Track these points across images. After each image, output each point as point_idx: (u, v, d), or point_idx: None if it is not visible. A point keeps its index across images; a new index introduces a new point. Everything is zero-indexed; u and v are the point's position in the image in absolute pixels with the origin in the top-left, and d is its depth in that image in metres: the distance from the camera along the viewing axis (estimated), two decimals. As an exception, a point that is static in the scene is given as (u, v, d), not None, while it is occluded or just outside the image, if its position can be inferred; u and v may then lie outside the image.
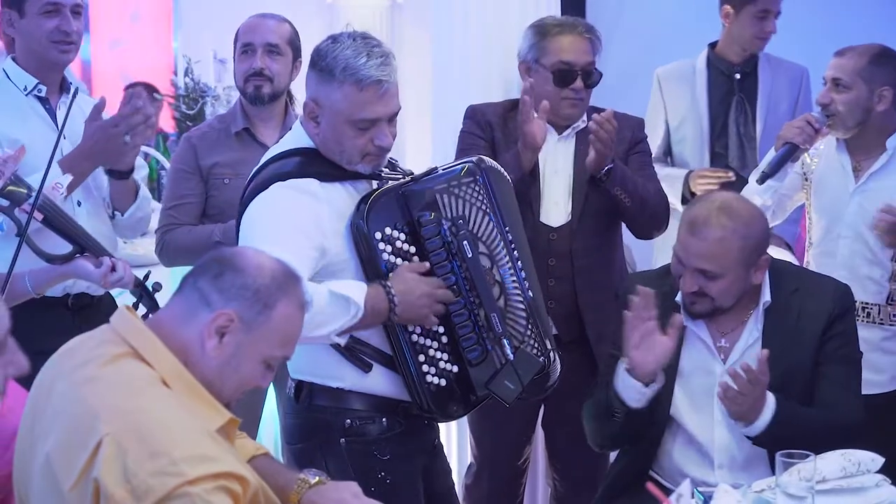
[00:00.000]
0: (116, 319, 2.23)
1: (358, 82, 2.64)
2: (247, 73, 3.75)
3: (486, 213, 2.82)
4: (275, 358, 2.22)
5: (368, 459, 2.78)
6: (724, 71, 4.48)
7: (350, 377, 2.78)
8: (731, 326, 3.00)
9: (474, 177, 2.82)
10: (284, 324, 2.20)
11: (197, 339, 2.15)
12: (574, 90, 3.58)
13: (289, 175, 2.71)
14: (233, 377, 2.18)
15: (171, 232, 3.71)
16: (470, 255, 2.75)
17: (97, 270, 3.09)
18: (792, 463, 2.46)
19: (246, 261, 2.20)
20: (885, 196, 3.60)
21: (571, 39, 3.59)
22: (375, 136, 2.70)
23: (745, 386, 2.77)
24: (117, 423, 2.01)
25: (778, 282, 3.01)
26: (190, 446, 2.01)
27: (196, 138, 3.81)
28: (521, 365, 2.79)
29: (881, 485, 2.66)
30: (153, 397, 2.08)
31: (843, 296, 3.04)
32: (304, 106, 2.74)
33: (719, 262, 2.87)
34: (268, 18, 3.83)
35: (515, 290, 2.84)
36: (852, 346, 3.02)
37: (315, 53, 2.73)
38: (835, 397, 2.93)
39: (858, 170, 3.68)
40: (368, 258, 2.71)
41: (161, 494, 1.94)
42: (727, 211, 2.90)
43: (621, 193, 3.52)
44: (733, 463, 2.94)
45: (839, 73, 3.62)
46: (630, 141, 3.71)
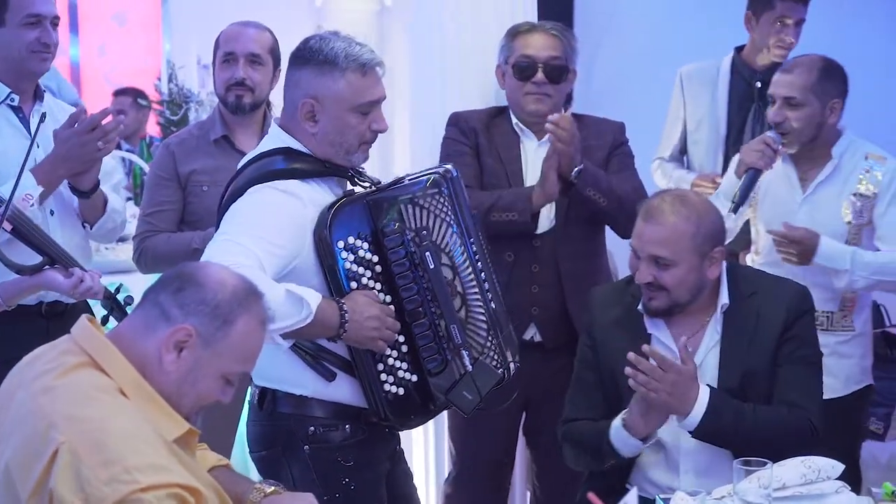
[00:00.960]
0: (77, 330, 2.25)
1: (361, 66, 2.73)
2: (228, 83, 3.77)
3: (451, 224, 2.85)
4: (233, 373, 2.24)
5: (332, 466, 2.80)
6: (746, 77, 4.46)
7: (312, 384, 2.80)
8: (692, 330, 3.03)
9: (440, 188, 2.86)
10: (244, 340, 2.22)
11: (155, 353, 2.17)
12: (535, 83, 3.63)
13: (274, 175, 2.75)
14: (191, 392, 2.20)
15: (150, 239, 3.73)
16: (432, 266, 2.77)
17: (66, 282, 3.12)
18: (750, 470, 2.49)
19: (207, 276, 2.22)
20: (832, 205, 3.66)
21: (535, 36, 3.67)
22: (374, 120, 2.79)
23: (653, 370, 2.80)
24: (73, 431, 2.03)
25: (736, 285, 3.05)
26: (144, 455, 2.03)
27: (175, 145, 3.83)
28: (480, 376, 2.82)
29: (841, 491, 2.69)
30: (110, 406, 2.10)
31: (801, 298, 3.07)
32: (302, 106, 2.76)
33: (672, 248, 2.92)
34: (249, 27, 3.85)
35: (477, 301, 2.87)
36: (811, 349, 3.05)
37: (306, 52, 2.77)
38: (791, 398, 2.95)
39: (805, 180, 3.73)
40: (330, 266, 2.74)
41: (113, 501, 1.96)
42: (681, 200, 2.99)
43: (594, 194, 3.55)
44: (698, 468, 2.97)
45: (791, 91, 3.65)
46: (611, 145, 3.74)
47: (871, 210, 3.69)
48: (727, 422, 2.85)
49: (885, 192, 3.68)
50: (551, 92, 3.65)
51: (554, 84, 3.65)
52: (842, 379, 3.74)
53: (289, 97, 2.82)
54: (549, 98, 3.65)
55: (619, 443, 2.93)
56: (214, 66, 3.86)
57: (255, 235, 2.63)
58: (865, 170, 3.70)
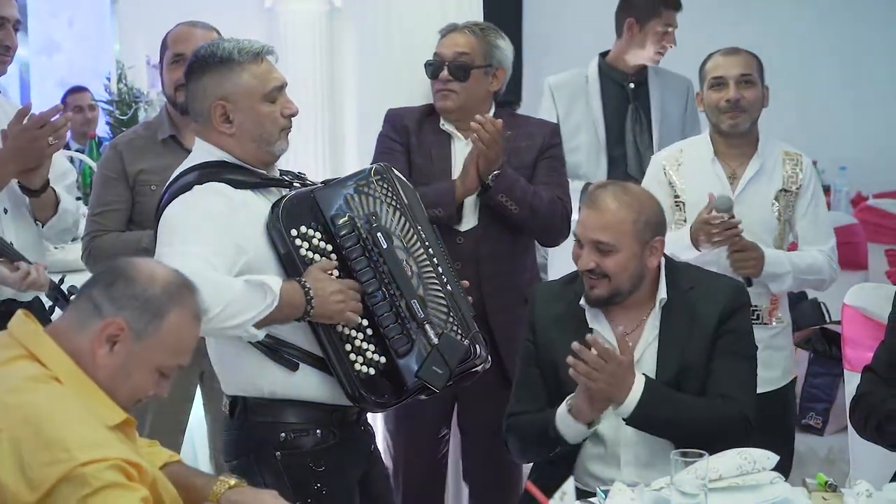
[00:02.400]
0: (13, 324, 2.27)
1: (256, 56, 2.82)
2: (178, 83, 3.76)
3: (397, 209, 2.90)
4: (168, 367, 2.27)
5: (304, 472, 2.82)
6: (618, 81, 4.60)
7: (280, 382, 2.82)
8: (631, 325, 3.08)
9: (382, 175, 2.92)
10: (176, 333, 2.24)
11: (88, 347, 2.20)
12: (441, 81, 3.69)
13: (206, 179, 2.78)
14: (125, 385, 2.23)
15: (98, 238, 3.73)
16: (385, 245, 2.81)
17: (13, 275, 3.14)
18: (687, 461, 2.54)
19: (138, 270, 2.25)
20: (762, 201, 3.75)
21: (450, 35, 3.74)
22: (284, 105, 2.85)
23: (595, 361, 2.84)
24: (10, 419, 2.07)
25: (674, 280, 3.10)
26: (82, 434, 2.06)
27: (122, 145, 3.83)
28: (447, 349, 2.83)
29: (776, 482, 2.74)
30: (46, 392, 2.13)
31: (736, 293, 3.13)
32: (213, 110, 2.81)
33: (613, 234, 2.97)
34: (197, 28, 3.85)
35: (433, 280, 2.90)
36: (745, 342, 3.10)
37: (201, 60, 2.84)
38: (724, 390, 3.00)
39: (734, 178, 3.80)
40: (287, 255, 2.77)
41: (54, 479, 2.00)
42: (623, 188, 3.07)
43: (506, 200, 3.59)
44: (638, 460, 3.01)
45: (745, 68, 3.76)
46: (541, 147, 3.77)
47: (794, 206, 3.80)
48: (661, 410, 2.91)
49: (805, 190, 3.81)
50: (457, 89, 3.69)
51: (459, 81, 3.69)
52: (780, 370, 3.84)
53: (198, 109, 2.86)
54: (455, 94, 3.70)
55: (565, 428, 2.97)
56: (162, 66, 3.87)
57: (194, 239, 2.66)
58: (787, 165, 3.81)
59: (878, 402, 3.07)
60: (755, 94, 3.76)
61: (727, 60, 3.78)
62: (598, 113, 4.59)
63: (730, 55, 3.80)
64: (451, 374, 2.84)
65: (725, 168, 3.81)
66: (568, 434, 2.98)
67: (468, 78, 3.70)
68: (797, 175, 3.81)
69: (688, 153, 3.87)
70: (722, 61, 3.79)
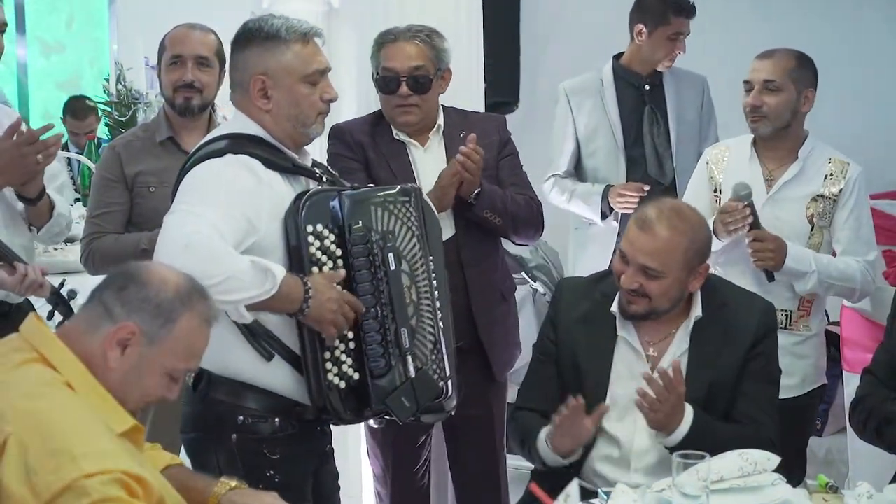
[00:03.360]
0: (25, 327, 2.28)
1: (303, 36, 2.82)
2: (176, 84, 3.78)
3: (415, 234, 2.90)
4: (178, 370, 2.28)
5: (258, 458, 2.81)
6: (633, 83, 4.59)
7: (250, 367, 2.81)
8: (660, 336, 3.08)
9: (409, 197, 2.92)
10: (187, 337, 2.26)
11: (100, 351, 2.21)
12: (400, 97, 3.60)
13: (240, 151, 2.78)
14: (135, 388, 2.24)
15: (97, 240, 3.73)
16: (392, 267, 2.81)
17: (11, 278, 3.13)
18: (688, 463, 2.54)
19: (150, 275, 2.26)
20: (796, 205, 3.72)
21: (397, 46, 3.62)
22: (324, 90, 2.86)
23: (662, 392, 2.85)
24: (20, 423, 2.07)
25: (708, 296, 3.08)
26: (89, 443, 2.07)
27: (120, 147, 3.83)
28: (421, 386, 2.84)
29: (777, 483, 2.75)
30: (56, 398, 2.14)
31: (768, 316, 3.13)
32: (253, 84, 2.82)
33: (663, 261, 2.95)
34: (195, 30, 3.86)
35: (428, 314, 2.91)
36: (773, 366, 3.11)
37: (248, 32, 2.85)
38: (752, 415, 3.01)
39: (770, 179, 3.78)
40: (296, 248, 2.77)
41: (57, 489, 2.00)
42: (678, 213, 3.02)
43: (491, 215, 3.60)
44: (648, 467, 3.01)
45: (770, 74, 3.72)
46: (498, 144, 3.75)
47: (832, 213, 3.76)
48: (704, 443, 2.86)
49: (847, 198, 3.76)
50: (418, 102, 3.62)
51: (420, 94, 3.61)
52: (798, 379, 3.79)
53: (238, 80, 2.88)
54: (418, 108, 3.62)
55: (544, 454, 3.00)
56: (160, 67, 3.88)
57: (212, 203, 2.66)
58: (829, 173, 3.77)
59: (878, 404, 3.07)
60: (779, 100, 3.71)
61: (758, 64, 3.76)
62: (614, 115, 4.58)
63: (763, 58, 3.77)
64: (417, 410, 2.85)
65: (763, 169, 3.79)
66: (546, 459, 3.00)
67: (429, 90, 3.63)
68: (839, 182, 3.76)
69: (733, 151, 3.86)
70: (755, 64, 3.76)
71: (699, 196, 3.80)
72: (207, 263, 2.52)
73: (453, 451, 3.88)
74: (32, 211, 3.45)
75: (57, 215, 3.52)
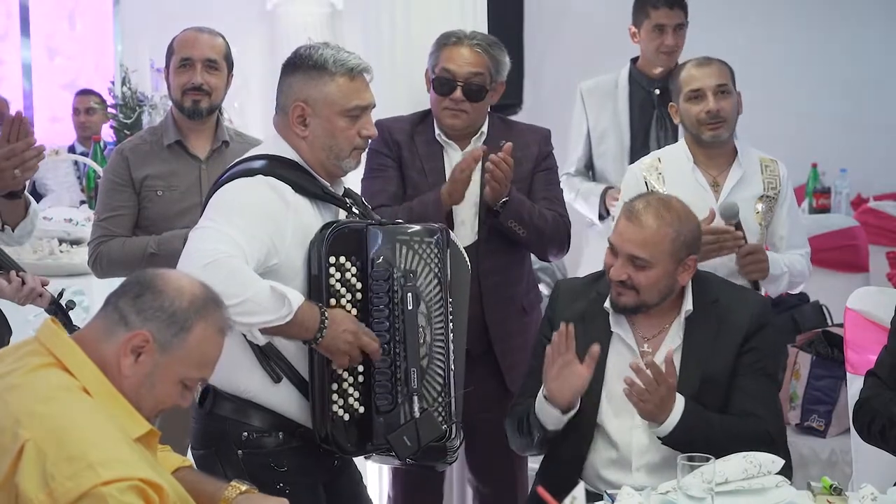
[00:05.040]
0: (42, 332, 2.30)
1: (350, 71, 2.83)
2: (185, 87, 3.79)
3: (437, 276, 2.91)
4: (191, 379, 2.30)
5: (266, 471, 2.83)
6: (644, 86, 4.61)
7: (257, 386, 2.83)
8: (653, 332, 3.10)
9: (434, 237, 2.93)
10: (201, 347, 2.27)
11: (114, 357, 2.22)
12: (453, 100, 3.62)
13: (270, 173, 2.81)
14: (149, 395, 2.26)
15: (105, 244, 3.74)
16: (410, 307, 2.83)
17: (9, 287, 3.13)
18: (693, 466, 2.56)
19: (166, 283, 2.27)
20: (745, 207, 3.72)
21: (459, 50, 3.63)
22: (364, 126, 2.87)
23: (650, 383, 2.87)
24: (38, 428, 2.09)
25: (700, 291, 3.11)
26: (106, 450, 2.08)
27: (128, 150, 3.84)
28: (424, 426, 2.84)
29: (781, 485, 2.77)
30: (73, 404, 2.16)
31: (762, 309, 3.15)
32: (293, 110, 2.85)
33: (651, 251, 2.98)
34: (203, 33, 3.87)
35: (440, 355, 2.91)
36: (769, 360, 3.12)
37: (296, 59, 2.88)
38: (748, 409, 3.02)
39: (716, 186, 3.79)
40: (316, 277, 2.79)
41: (75, 496, 2.01)
42: (665, 204, 3.05)
43: (515, 226, 3.59)
44: (650, 466, 3.03)
45: (721, 78, 3.75)
46: (537, 157, 3.76)
47: (773, 211, 3.82)
48: (696, 432, 2.92)
49: (784, 196, 3.82)
50: (468, 109, 3.64)
51: (472, 102, 3.63)
52: None
53: (281, 104, 2.91)
54: (466, 115, 3.65)
55: (543, 414, 3.00)
56: (168, 71, 3.89)
57: (238, 225, 2.69)
58: (764, 172, 3.82)
59: (882, 406, 3.08)
60: (731, 103, 3.75)
61: (702, 72, 3.75)
62: (624, 118, 4.59)
63: (703, 66, 3.77)
64: (418, 450, 2.85)
65: (706, 176, 3.79)
66: (546, 420, 3.00)
67: (482, 99, 3.66)
68: (775, 181, 3.82)
69: (666, 162, 3.85)
70: (697, 73, 3.76)
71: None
72: (227, 284, 2.53)
73: (471, 455, 3.88)
74: (12, 207, 3.38)
75: (32, 213, 3.47)
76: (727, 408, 3.05)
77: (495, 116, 3.81)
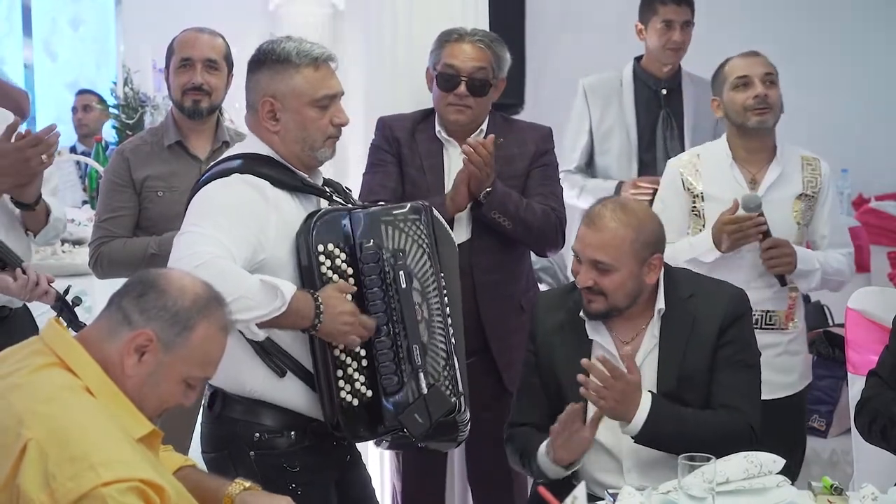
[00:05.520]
0: (46, 332, 2.31)
1: (314, 61, 2.83)
2: (185, 87, 3.81)
3: (426, 252, 2.92)
4: (194, 378, 2.30)
5: (278, 472, 2.84)
6: (651, 85, 4.60)
7: (263, 384, 2.84)
8: (631, 334, 3.09)
9: (419, 215, 2.94)
10: (204, 345, 2.28)
11: (117, 357, 2.23)
12: (457, 96, 3.64)
13: (247, 170, 2.82)
14: (152, 394, 2.26)
15: (106, 244, 3.75)
16: (404, 285, 2.83)
17: (16, 284, 3.15)
18: (694, 465, 2.56)
19: (169, 282, 2.28)
20: (783, 206, 3.74)
21: (462, 46, 3.66)
22: (335, 114, 2.87)
23: (605, 378, 2.86)
24: (40, 428, 2.09)
25: (673, 288, 3.10)
26: (108, 450, 2.09)
27: (129, 151, 3.85)
28: (433, 401, 2.85)
29: (782, 485, 2.77)
30: (76, 404, 2.16)
31: (737, 301, 3.12)
32: (262, 106, 2.85)
33: (612, 254, 2.97)
34: (204, 33, 3.89)
35: (440, 330, 2.92)
36: (747, 352, 3.09)
37: (261, 55, 2.87)
38: (728, 403, 3.00)
39: (754, 183, 3.78)
40: (307, 267, 2.80)
41: (76, 496, 2.02)
42: (622, 207, 3.04)
43: (499, 217, 3.59)
44: (641, 466, 3.02)
45: (769, 68, 3.76)
46: (534, 154, 3.76)
47: (813, 210, 3.80)
48: (667, 427, 2.91)
49: (825, 195, 3.80)
50: (472, 104, 3.66)
51: (476, 97, 3.66)
52: (796, 375, 3.82)
53: (251, 101, 2.91)
54: (471, 110, 3.67)
55: (545, 467, 3.00)
56: (168, 71, 3.90)
57: (221, 226, 2.69)
58: (806, 171, 3.80)
59: (883, 406, 3.08)
60: (777, 93, 3.75)
61: (749, 61, 3.77)
62: (630, 117, 4.59)
63: (750, 56, 3.79)
64: (430, 426, 2.87)
65: (745, 173, 3.79)
66: (548, 472, 3.00)
67: (485, 94, 3.68)
68: (816, 180, 3.80)
69: (705, 158, 3.85)
70: (744, 62, 3.77)
71: (669, 206, 3.79)
72: (218, 284, 2.52)
73: (469, 455, 3.90)
74: (30, 216, 3.46)
75: (54, 220, 3.52)
76: (708, 403, 3.03)
77: (497, 115, 3.82)
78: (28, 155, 3.26)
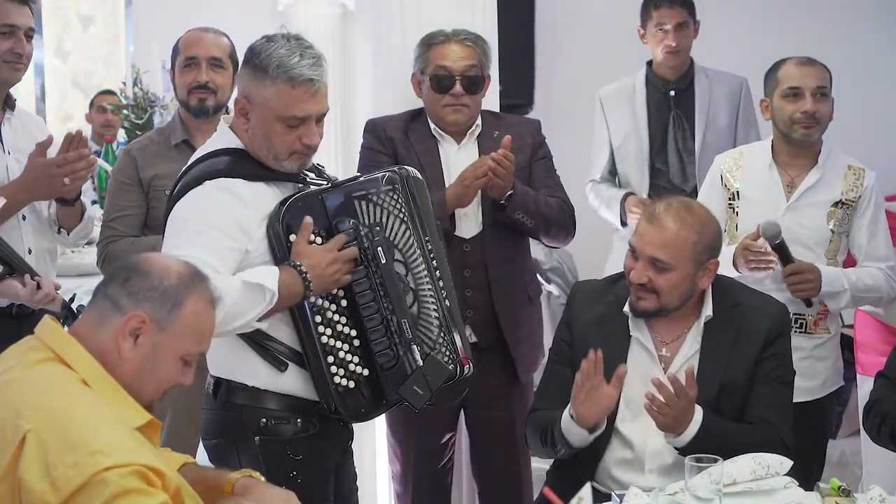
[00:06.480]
0: (40, 329, 2.32)
1: (291, 80, 2.75)
2: (191, 86, 3.84)
3: (404, 221, 2.90)
4: (190, 354, 2.32)
5: (281, 459, 2.84)
6: (661, 88, 4.60)
7: (265, 376, 2.84)
8: (672, 336, 3.09)
9: (394, 185, 2.91)
10: (195, 320, 2.30)
11: (112, 343, 2.24)
12: (453, 96, 3.65)
13: (218, 174, 2.79)
14: (151, 376, 2.28)
15: (114, 244, 3.76)
16: (384, 261, 2.83)
17: (24, 290, 3.19)
18: (701, 467, 2.56)
19: (152, 264, 2.30)
20: (817, 212, 3.71)
21: (450, 47, 3.68)
22: (304, 134, 2.80)
23: (671, 398, 2.85)
24: (38, 419, 2.10)
25: (720, 296, 3.09)
26: (107, 438, 2.10)
27: (136, 151, 3.87)
28: (431, 371, 2.87)
29: (789, 487, 2.77)
30: (73, 395, 2.17)
31: (781, 317, 3.13)
32: (235, 102, 2.85)
33: (672, 253, 2.97)
34: (208, 32, 3.93)
35: (430, 298, 2.92)
36: (786, 368, 3.10)
37: (249, 51, 2.84)
38: (764, 417, 3.01)
39: (791, 186, 3.76)
40: (283, 259, 2.78)
41: (78, 484, 2.03)
42: (686, 207, 3.05)
43: (523, 217, 3.61)
44: (663, 468, 3.02)
45: (822, 81, 3.73)
46: (532, 147, 3.77)
47: (851, 219, 3.76)
48: (713, 443, 2.87)
49: (865, 205, 3.76)
50: (469, 102, 3.67)
51: (471, 95, 3.67)
52: (819, 382, 3.79)
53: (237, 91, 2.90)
54: (468, 108, 3.68)
55: (569, 433, 2.98)
56: (174, 70, 3.91)
57: (202, 244, 2.67)
58: (848, 179, 3.77)
59: (892, 408, 3.07)
60: (828, 107, 3.73)
61: (804, 71, 3.73)
62: (642, 122, 4.60)
63: (806, 65, 3.74)
64: (431, 395, 2.88)
65: (783, 176, 3.77)
66: (571, 438, 2.98)
67: (480, 90, 3.70)
68: (857, 188, 3.76)
69: (748, 157, 3.85)
70: (798, 72, 3.73)
71: (708, 199, 3.78)
72: None
73: (476, 453, 3.90)
74: (67, 213, 3.52)
75: (87, 219, 3.60)
76: (743, 414, 3.03)
77: (485, 112, 3.83)
78: (53, 174, 3.33)
